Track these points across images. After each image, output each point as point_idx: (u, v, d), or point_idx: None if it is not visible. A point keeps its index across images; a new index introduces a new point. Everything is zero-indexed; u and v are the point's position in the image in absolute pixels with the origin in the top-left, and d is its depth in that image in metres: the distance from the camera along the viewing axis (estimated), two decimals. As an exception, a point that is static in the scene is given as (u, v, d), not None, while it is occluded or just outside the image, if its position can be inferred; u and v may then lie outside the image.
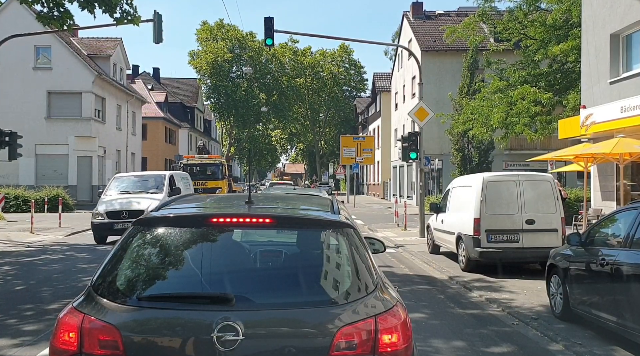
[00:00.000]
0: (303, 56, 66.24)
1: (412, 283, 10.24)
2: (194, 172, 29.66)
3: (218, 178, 30.59)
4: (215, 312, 2.84)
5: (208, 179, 30.32)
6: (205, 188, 28.37)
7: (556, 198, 10.86)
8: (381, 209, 33.72)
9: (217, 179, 30.55)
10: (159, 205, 3.79)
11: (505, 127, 21.51)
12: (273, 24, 18.65)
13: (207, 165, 31.68)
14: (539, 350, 6.27)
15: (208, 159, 32.54)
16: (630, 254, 5.85)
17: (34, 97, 32.59)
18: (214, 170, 31.35)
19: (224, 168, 32.22)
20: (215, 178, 30.59)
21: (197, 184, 26.91)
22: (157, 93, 53.81)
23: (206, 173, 31.20)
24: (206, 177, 30.56)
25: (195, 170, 30.76)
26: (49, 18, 11.41)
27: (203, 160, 32.07)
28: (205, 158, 32.63)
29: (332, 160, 76.70)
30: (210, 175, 30.98)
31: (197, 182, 27.64)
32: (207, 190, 27.20)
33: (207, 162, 31.89)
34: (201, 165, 31.62)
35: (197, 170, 30.99)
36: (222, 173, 31.15)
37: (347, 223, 3.42)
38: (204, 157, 32.89)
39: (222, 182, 30.34)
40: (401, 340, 2.94)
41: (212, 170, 31.47)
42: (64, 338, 2.91)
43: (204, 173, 31.08)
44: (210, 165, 31.76)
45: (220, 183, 30.02)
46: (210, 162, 32.00)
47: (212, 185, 29.04)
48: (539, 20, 21.50)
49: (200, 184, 28.52)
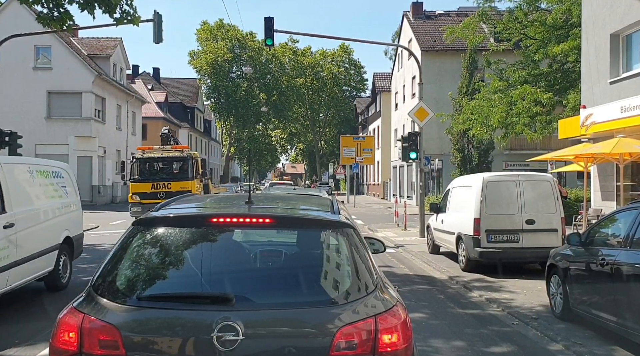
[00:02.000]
0: (303, 56, 66.26)
1: (412, 283, 10.25)
2: (153, 168, 22.59)
3: (187, 177, 21.80)
4: (215, 312, 2.84)
5: (172, 178, 21.86)
6: (168, 191, 20.43)
7: (556, 198, 10.87)
8: (381, 209, 33.72)
9: (186, 178, 21.73)
10: (160, 205, 3.79)
11: (505, 127, 21.52)
12: (273, 24, 18.66)
13: (170, 160, 22.57)
14: (539, 350, 6.27)
15: (172, 151, 22.82)
16: (630, 254, 5.85)
17: (34, 97, 32.59)
18: (181, 166, 22.44)
19: (196, 163, 22.85)
20: (182, 178, 21.82)
21: (156, 186, 21.19)
22: (157, 93, 53.80)
23: (170, 171, 22.67)
24: (170, 176, 22.17)
25: (156, 166, 22.82)
26: (48, 19, 11.39)
27: (165, 152, 22.63)
28: (168, 150, 22.97)
29: (332, 160, 76.69)
30: (176, 173, 22.49)
31: (157, 184, 21.31)
32: (170, 194, 19.14)
33: (171, 155, 22.48)
34: (163, 160, 22.57)
35: (158, 167, 22.91)
36: (192, 171, 22.09)
37: (347, 223, 3.42)
38: (167, 148, 23.27)
39: (191, 183, 21.65)
40: (401, 340, 2.94)
41: (178, 166, 22.66)
42: (64, 338, 2.91)
43: (167, 171, 22.68)
44: (175, 160, 22.57)
45: (189, 185, 21.41)
46: (176, 155, 22.49)
47: (178, 186, 20.81)
48: (539, 20, 21.51)
49: (162, 186, 21.20)
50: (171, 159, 22.64)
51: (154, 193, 20.75)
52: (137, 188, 21.43)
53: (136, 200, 21.11)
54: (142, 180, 21.61)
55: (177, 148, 23.70)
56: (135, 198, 21.16)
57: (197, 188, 22.33)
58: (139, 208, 20.39)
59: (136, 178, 21.67)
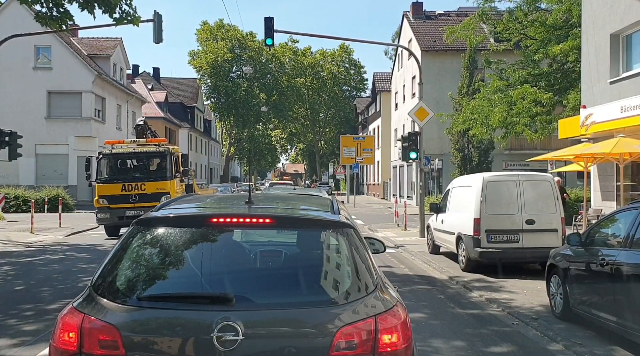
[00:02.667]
0: (303, 56, 66.30)
1: (412, 283, 10.25)
2: (124, 166, 19.17)
3: (164, 176, 18.37)
4: (215, 312, 2.84)
5: (147, 178, 18.34)
6: (141, 194, 17.70)
7: (556, 198, 10.86)
8: (381, 209, 33.72)
9: (163, 178, 18.32)
10: (160, 205, 3.80)
11: (505, 127, 21.52)
12: (273, 24, 18.66)
13: (145, 156, 18.96)
14: (539, 350, 6.27)
15: (146, 145, 19.34)
16: (630, 254, 5.85)
17: (34, 97, 32.60)
18: (158, 163, 18.91)
19: (176, 160, 19.18)
20: (159, 177, 18.39)
21: (128, 188, 17.87)
22: (157, 93, 53.80)
23: (145, 169, 19.02)
24: (144, 175, 18.61)
25: (128, 163, 19.36)
26: (47, 18, 11.41)
27: (138, 146, 19.25)
28: (142, 144, 19.59)
29: (332, 160, 76.70)
30: (152, 171, 18.87)
31: (129, 184, 17.94)
32: (143, 196, 17.28)
33: (145, 149, 18.99)
34: (136, 156, 19.08)
35: (131, 164, 19.41)
36: (171, 169, 18.53)
37: (347, 223, 3.42)
38: (141, 141, 19.91)
39: (170, 183, 18.29)
40: (401, 340, 2.94)
41: (154, 163, 19.08)
42: (64, 338, 2.91)
43: (141, 169, 19.11)
44: (150, 156, 18.93)
45: (167, 185, 18.14)
46: (151, 149, 18.95)
47: (153, 187, 17.86)
48: (539, 20, 21.52)
49: (134, 187, 17.92)
50: (146, 155, 18.95)
51: (125, 197, 17.73)
52: (104, 190, 17.94)
53: (104, 204, 17.75)
54: (111, 180, 18.15)
55: (152, 141, 19.97)
56: (103, 202, 17.77)
57: (178, 189, 18.77)
58: (107, 215, 17.62)
59: (104, 178, 18.25)
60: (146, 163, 19.15)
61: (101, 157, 18.64)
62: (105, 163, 18.55)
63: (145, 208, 15.25)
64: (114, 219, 17.60)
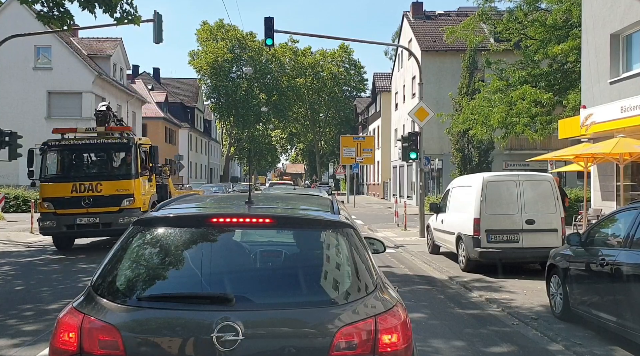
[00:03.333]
0: (303, 56, 66.33)
1: (412, 283, 10.25)
2: (77, 161, 15.06)
3: (128, 173, 14.52)
4: (215, 312, 2.84)
5: (104, 176, 14.56)
6: (97, 196, 13.94)
7: (556, 198, 10.87)
8: (381, 209, 33.72)
9: (126, 175, 14.50)
10: (160, 205, 3.80)
11: (505, 127, 21.53)
12: (273, 24, 18.66)
13: (102, 148, 15.04)
14: (539, 350, 6.27)
15: (106, 136, 15.35)
16: (630, 254, 5.85)
17: (34, 97, 32.59)
18: (120, 157, 15.34)
19: (145, 154, 15.43)
20: (120, 175, 14.62)
21: (79, 189, 13.92)
22: (157, 93, 53.80)
23: (102, 165, 15.32)
24: (100, 173, 14.92)
25: (83, 158, 15.30)
26: (49, 17, 11.41)
27: (97, 137, 15.34)
28: (100, 133, 15.51)
29: (332, 160, 76.76)
30: (112, 167, 15.16)
31: (81, 185, 13.96)
32: (99, 200, 13.89)
33: (104, 140, 15.02)
34: (90, 148, 15.08)
35: (85, 159, 15.39)
36: (136, 165, 14.61)
37: (347, 223, 3.42)
38: (98, 130, 15.62)
39: (134, 183, 14.39)
40: (401, 340, 2.94)
41: (115, 157, 15.45)
42: (63, 338, 2.91)
43: (97, 165, 15.39)
44: (109, 148, 15.10)
45: (130, 185, 14.30)
46: (110, 140, 15.08)
47: (112, 188, 14.09)
48: (539, 20, 21.52)
49: (88, 188, 13.96)
50: (104, 147, 14.94)
51: (76, 200, 13.86)
52: (49, 191, 14.22)
53: (49, 209, 14.03)
54: (58, 178, 14.42)
55: (113, 128, 15.76)
56: (48, 207, 14.05)
57: (144, 189, 15.00)
58: (52, 223, 13.93)
59: (49, 176, 14.48)
60: (105, 157, 15.31)
61: (46, 148, 14.56)
62: (52, 157, 14.63)
63: (101, 214, 13.95)
64: (61, 228, 13.96)
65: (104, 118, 15.89)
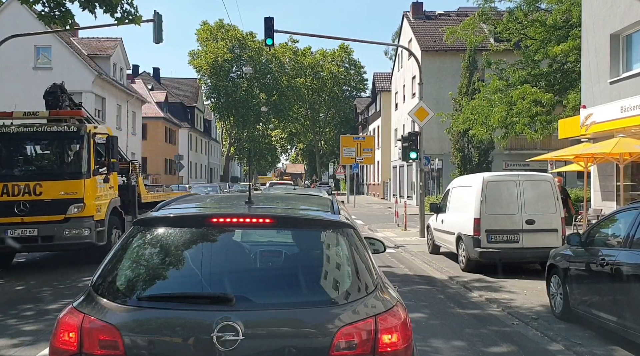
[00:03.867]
0: (303, 56, 66.35)
1: (412, 283, 10.25)
2: (11, 155, 11.64)
3: (77, 171, 11.36)
4: (215, 312, 2.84)
5: (45, 175, 11.26)
6: (35, 200, 10.87)
7: (556, 198, 10.87)
8: (381, 209, 33.72)
9: (73, 175, 11.30)
10: (160, 205, 3.80)
11: (505, 127, 21.53)
12: (273, 24, 18.66)
13: (45, 138, 11.88)
14: (539, 350, 6.27)
15: (50, 123, 12.19)
16: (630, 254, 5.85)
17: (34, 97, 32.49)
18: (67, 150, 11.78)
19: (104, 147, 12.36)
20: (66, 174, 11.34)
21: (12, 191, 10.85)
22: (157, 93, 53.78)
23: (45, 160, 12.05)
24: (41, 171, 11.59)
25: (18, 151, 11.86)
26: (50, 17, 11.39)
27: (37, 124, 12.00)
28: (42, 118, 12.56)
29: (332, 160, 76.75)
30: (57, 164, 11.83)
31: (14, 186, 10.89)
32: (37, 205, 10.87)
33: (44, 128, 11.76)
34: (29, 138, 11.77)
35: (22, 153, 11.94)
36: (88, 160, 11.43)
37: (347, 223, 3.42)
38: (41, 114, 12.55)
39: (85, 183, 11.22)
40: (401, 340, 2.94)
41: (60, 150, 11.81)
42: (63, 338, 2.91)
43: (37, 160, 12.03)
44: (53, 138, 11.77)
45: (79, 186, 11.12)
46: (54, 129, 11.70)
47: (55, 191, 10.97)
48: (539, 20, 21.53)
49: (23, 190, 10.87)
50: (45, 137, 11.80)
51: (7, 206, 10.75)
52: None
53: None
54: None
55: (59, 113, 12.44)
56: None
57: (100, 192, 11.75)
58: None
59: None
60: (47, 150, 12.05)
61: None
62: None
63: (41, 224, 10.64)
64: None
65: (56, 101, 12.76)
